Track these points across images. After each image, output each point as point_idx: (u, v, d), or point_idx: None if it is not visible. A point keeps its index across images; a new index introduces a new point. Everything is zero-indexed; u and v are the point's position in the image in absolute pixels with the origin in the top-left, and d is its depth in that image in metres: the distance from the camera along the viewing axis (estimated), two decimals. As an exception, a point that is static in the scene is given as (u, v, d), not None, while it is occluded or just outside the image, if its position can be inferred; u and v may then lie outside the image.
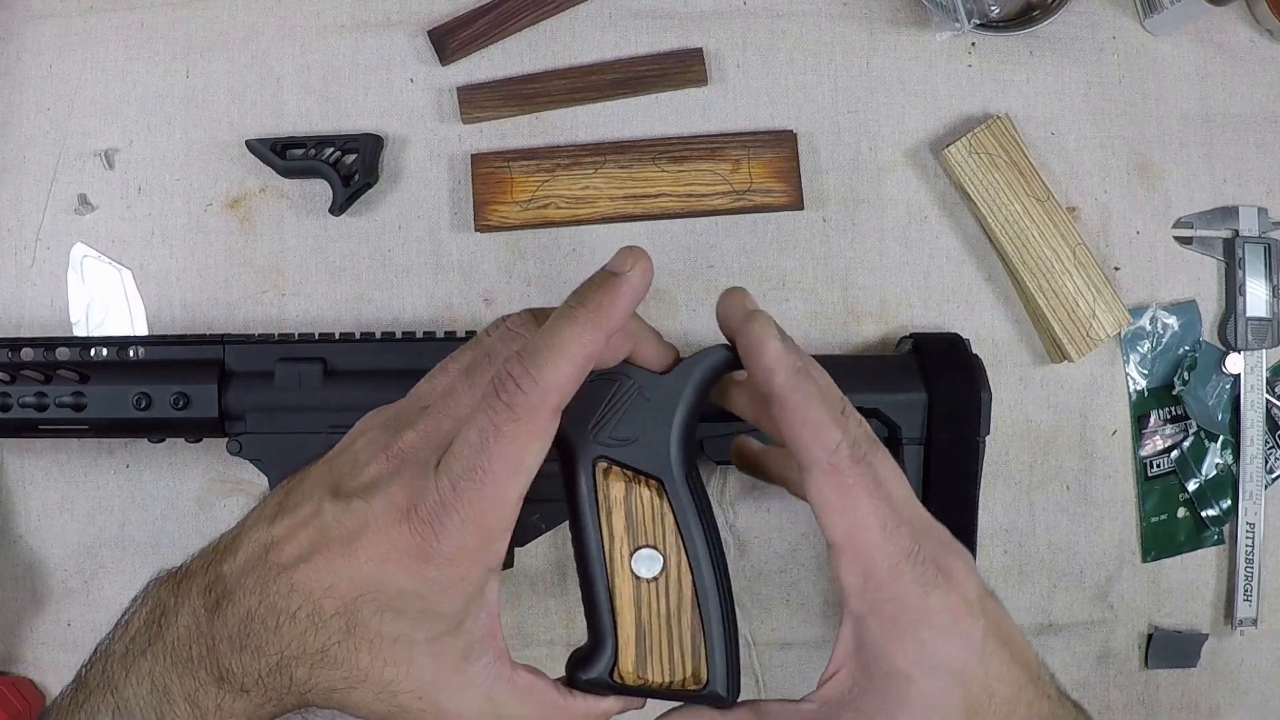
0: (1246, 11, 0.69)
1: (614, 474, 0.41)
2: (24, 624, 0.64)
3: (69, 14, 0.66)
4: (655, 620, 0.41)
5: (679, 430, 0.41)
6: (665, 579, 0.41)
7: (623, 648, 0.41)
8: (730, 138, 0.66)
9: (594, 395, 0.40)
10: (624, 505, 0.41)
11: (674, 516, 0.41)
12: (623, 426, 0.41)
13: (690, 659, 0.41)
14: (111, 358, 0.58)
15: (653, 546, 0.41)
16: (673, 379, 0.41)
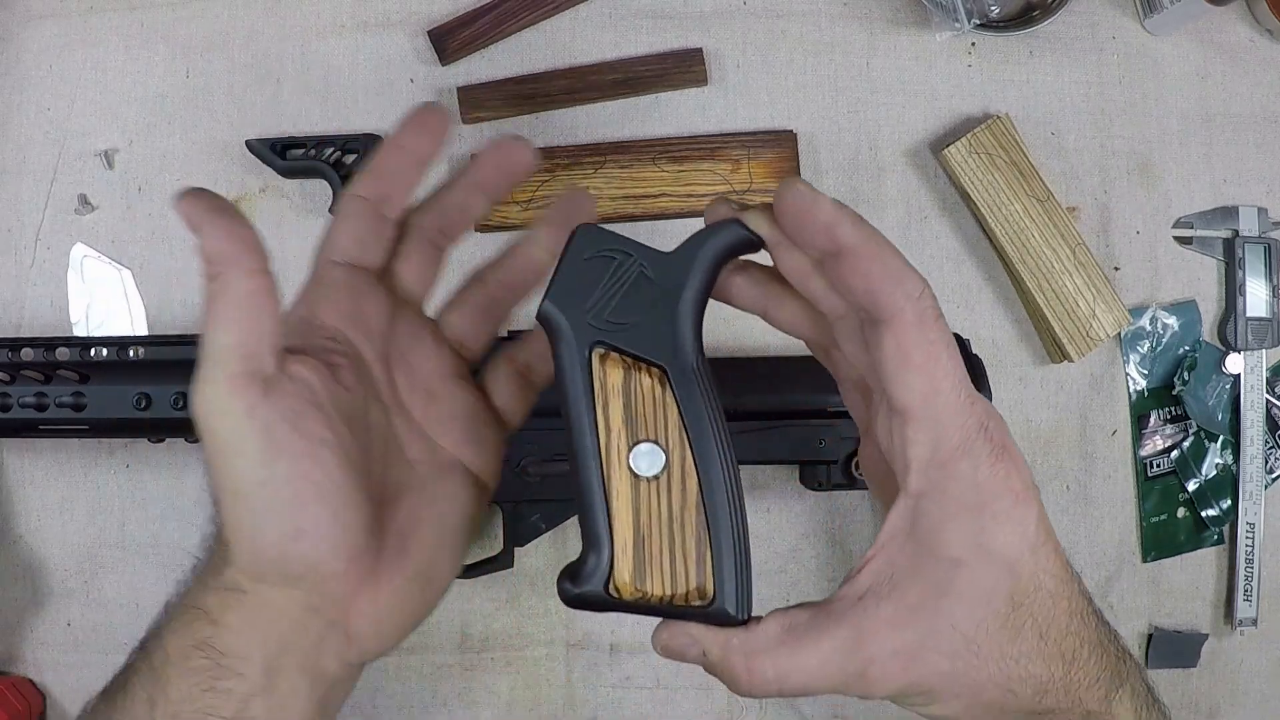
0: (1246, 11, 0.69)
1: (611, 360, 0.37)
2: (24, 624, 0.64)
3: (69, 14, 0.66)
4: (656, 524, 0.37)
5: (686, 313, 0.37)
6: (667, 477, 0.37)
7: (619, 554, 0.37)
8: (730, 138, 0.66)
9: (591, 274, 0.37)
10: (622, 394, 0.37)
11: (678, 408, 0.37)
12: (623, 309, 0.37)
13: (695, 570, 0.37)
14: (111, 358, 0.58)
15: (654, 441, 0.37)
16: (679, 256, 0.38)
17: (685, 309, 0.37)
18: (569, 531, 0.64)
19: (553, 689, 0.64)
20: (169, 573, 0.64)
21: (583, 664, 0.64)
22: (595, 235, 0.37)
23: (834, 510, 0.65)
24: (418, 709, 0.64)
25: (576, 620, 0.64)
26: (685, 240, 0.38)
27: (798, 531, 0.65)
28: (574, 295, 0.37)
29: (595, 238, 0.37)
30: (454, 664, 0.64)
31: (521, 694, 0.64)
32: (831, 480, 0.61)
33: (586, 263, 0.37)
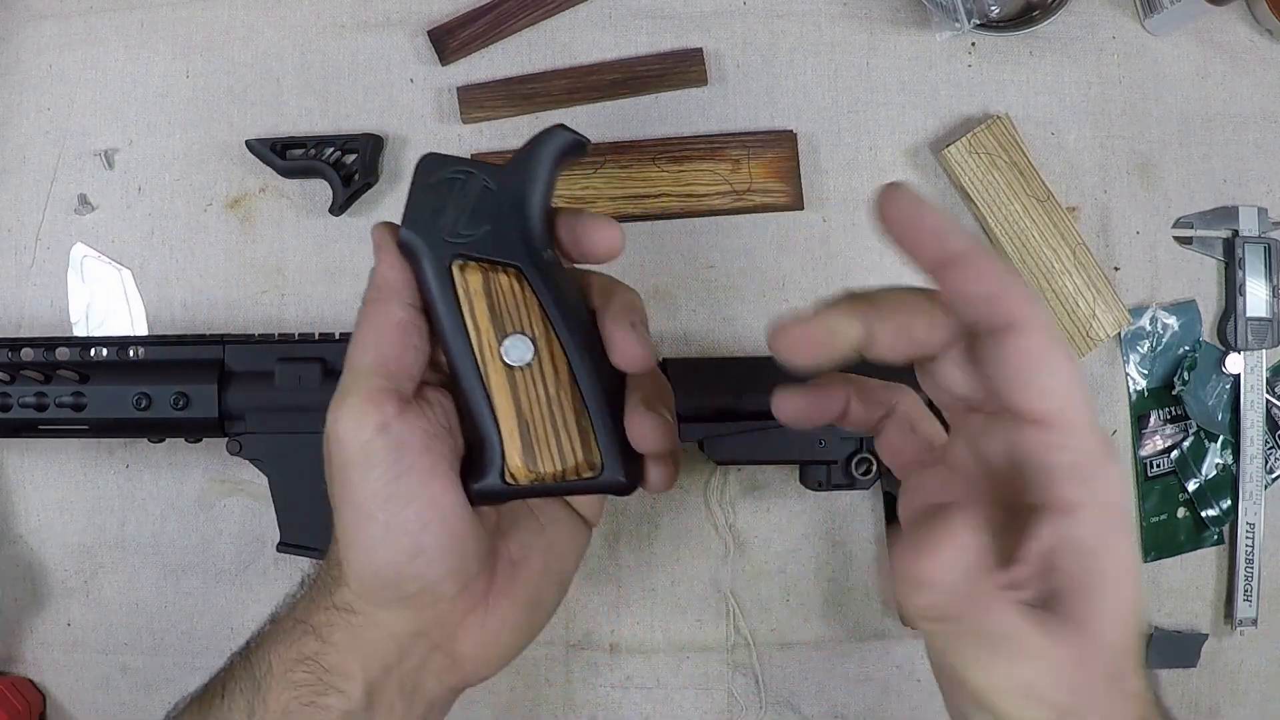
0: (1246, 11, 0.69)
1: (470, 267, 0.40)
2: (24, 624, 0.64)
3: (69, 14, 0.66)
4: (536, 408, 0.40)
5: (531, 214, 0.40)
6: (539, 363, 0.40)
7: (508, 442, 0.40)
8: (730, 138, 0.66)
9: (439, 197, 0.40)
10: (485, 295, 0.40)
11: (538, 299, 0.40)
12: (473, 221, 0.40)
13: (579, 444, 0.40)
14: (111, 358, 0.58)
15: (520, 332, 0.40)
16: (516, 165, 0.41)
17: (530, 211, 0.40)
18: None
19: (552, 689, 0.64)
20: (169, 573, 0.64)
21: (583, 664, 0.64)
22: (436, 161, 0.41)
23: (834, 510, 0.65)
24: (418, 709, 0.64)
25: (576, 620, 0.64)
26: (518, 150, 0.41)
27: (798, 531, 0.65)
28: (426, 218, 0.40)
29: (437, 163, 0.41)
30: (454, 664, 0.64)
31: (521, 694, 0.64)
32: (831, 480, 0.61)
33: (432, 187, 0.40)
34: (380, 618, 0.40)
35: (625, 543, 0.65)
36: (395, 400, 0.38)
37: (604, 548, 0.65)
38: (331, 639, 0.40)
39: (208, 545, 0.64)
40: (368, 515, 0.38)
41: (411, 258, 0.41)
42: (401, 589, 0.39)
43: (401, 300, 0.40)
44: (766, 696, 0.64)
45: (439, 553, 0.39)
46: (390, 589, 0.39)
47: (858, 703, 0.64)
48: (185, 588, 0.64)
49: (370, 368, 0.39)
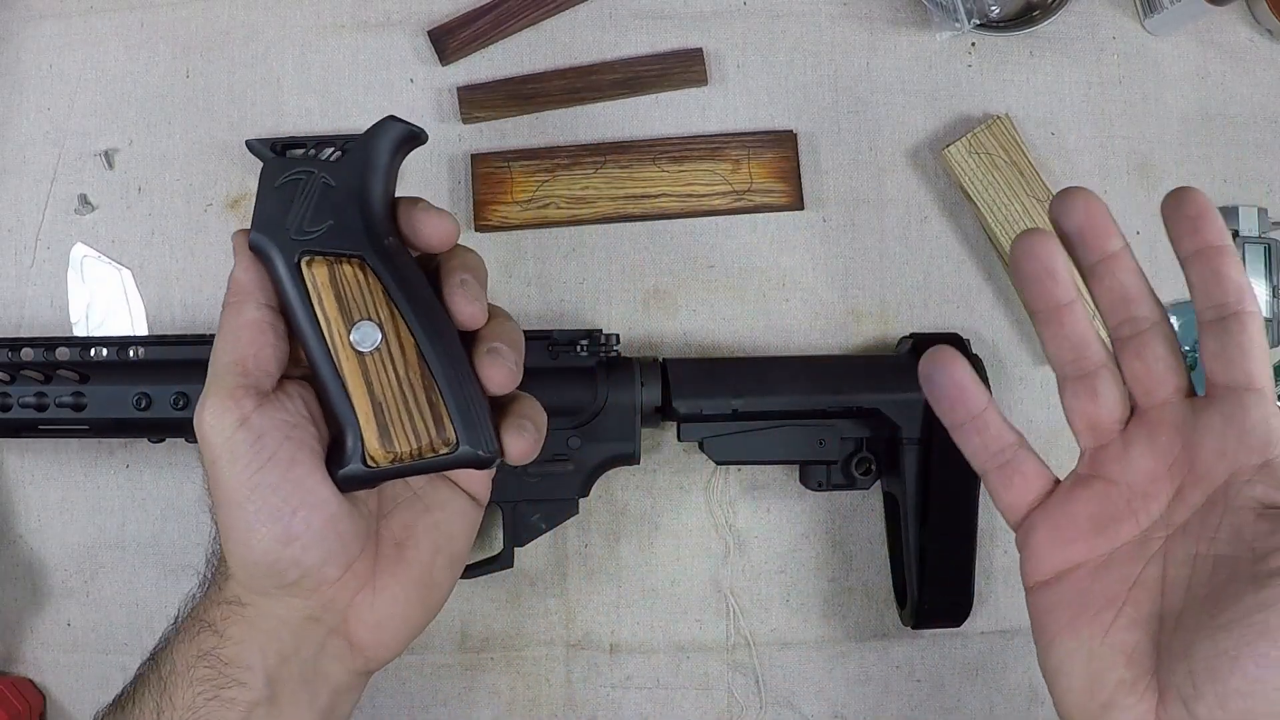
0: (1246, 11, 0.69)
1: (316, 262, 0.42)
2: (24, 624, 0.64)
3: (69, 14, 0.66)
4: (388, 390, 0.41)
5: (371, 205, 0.43)
6: (386, 347, 0.41)
7: (364, 426, 0.41)
8: (730, 138, 0.66)
9: (283, 198, 0.43)
10: (332, 287, 0.42)
11: (382, 285, 0.42)
12: (315, 217, 0.42)
13: (432, 422, 0.41)
14: (111, 358, 0.58)
15: (366, 318, 0.42)
16: (351, 158, 0.43)
17: (369, 202, 0.43)
18: (569, 531, 0.64)
19: (553, 689, 0.64)
20: (169, 573, 0.64)
21: (583, 664, 0.64)
22: (279, 164, 0.44)
23: (834, 510, 0.65)
24: (418, 709, 0.64)
25: (576, 620, 0.65)
26: (355, 141, 0.44)
27: (798, 531, 0.65)
28: (273, 220, 0.43)
29: (279, 166, 0.44)
30: (454, 664, 0.64)
31: (521, 694, 0.64)
32: (831, 480, 0.61)
33: (278, 190, 0.43)
34: (269, 607, 0.42)
35: (625, 543, 0.65)
36: (253, 395, 0.41)
37: (604, 548, 0.65)
38: (227, 632, 0.42)
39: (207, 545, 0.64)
40: (238, 506, 0.40)
41: (264, 259, 0.43)
42: (281, 576, 0.41)
43: (255, 300, 0.42)
44: (766, 696, 0.64)
45: (312, 537, 0.40)
46: (270, 577, 0.41)
47: (858, 703, 0.64)
48: (185, 588, 0.64)
49: (228, 367, 0.41)
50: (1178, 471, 0.39)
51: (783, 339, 0.66)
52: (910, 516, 0.60)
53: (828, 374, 0.61)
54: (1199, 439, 0.39)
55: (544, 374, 0.56)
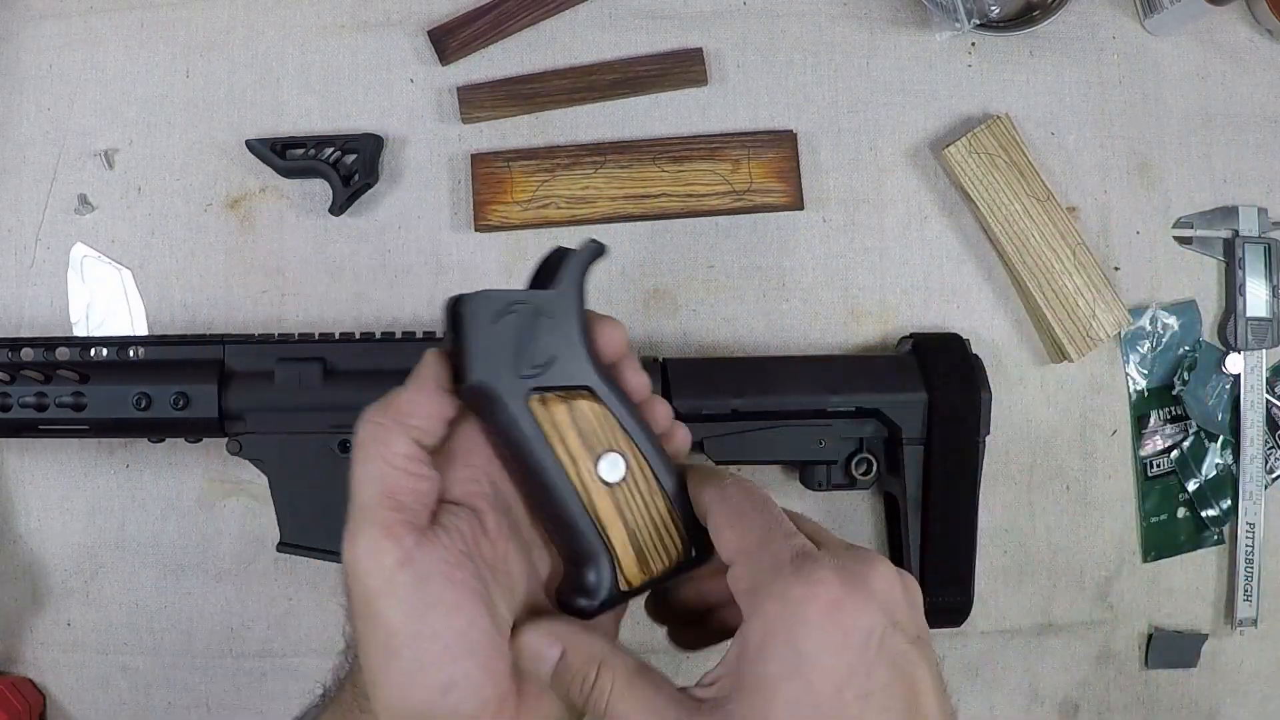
0: (1246, 11, 0.69)
1: (551, 400, 0.40)
2: (24, 624, 0.64)
3: (69, 14, 0.66)
4: (639, 518, 0.41)
5: (583, 333, 0.41)
6: (630, 475, 0.41)
7: (622, 557, 0.41)
8: (730, 138, 0.66)
9: (500, 335, 0.40)
10: (573, 424, 0.40)
11: (613, 415, 0.41)
12: (539, 352, 0.40)
13: (678, 536, 0.42)
14: (111, 358, 0.58)
15: (610, 450, 0.41)
16: (561, 288, 0.41)
17: (583, 331, 0.41)
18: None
19: (553, 689, 0.64)
20: (169, 573, 0.64)
21: (583, 664, 0.64)
22: (487, 299, 0.40)
23: (834, 510, 0.65)
24: (418, 709, 0.64)
25: (576, 620, 0.64)
26: (552, 267, 0.41)
27: (798, 531, 0.65)
28: (494, 360, 0.40)
29: (488, 300, 0.40)
30: (454, 664, 0.64)
31: (521, 694, 0.64)
32: (831, 480, 0.61)
33: (492, 326, 0.40)
34: None
35: (625, 543, 0.65)
36: (412, 531, 0.38)
37: (604, 548, 0.65)
38: None
39: (208, 545, 0.64)
40: (394, 652, 0.38)
41: (488, 404, 0.40)
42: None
43: (411, 432, 0.39)
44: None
45: (471, 686, 0.38)
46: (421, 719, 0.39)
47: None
48: (185, 588, 0.64)
49: (379, 499, 0.38)
50: None
51: (783, 339, 0.66)
52: (910, 516, 0.60)
53: (828, 374, 0.61)
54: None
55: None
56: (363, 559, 0.38)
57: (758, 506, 0.39)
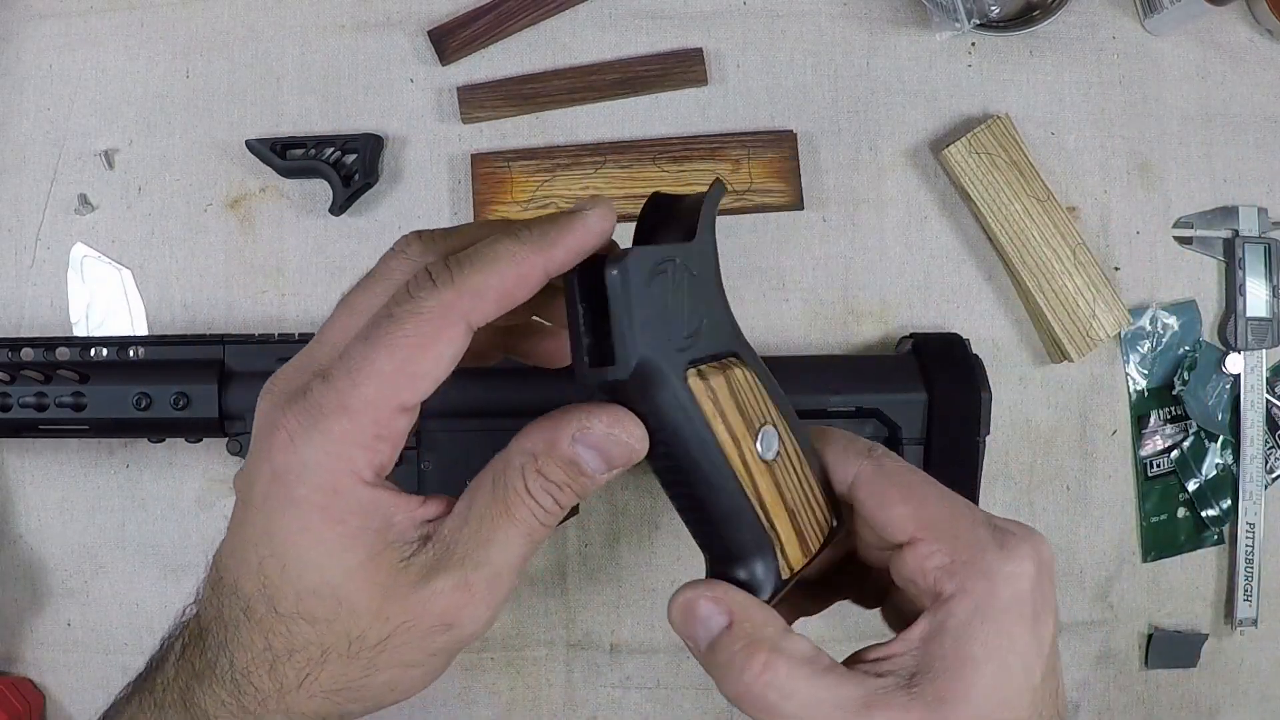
0: (1246, 11, 0.69)
1: (709, 372, 0.34)
2: (24, 624, 0.64)
3: (69, 14, 0.66)
4: (796, 494, 0.37)
5: (722, 289, 0.36)
6: (783, 448, 0.36)
7: (785, 541, 0.36)
8: (730, 138, 0.66)
9: (655, 298, 0.33)
10: (732, 397, 0.34)
11: (761, 382, 0.36)
12: (690, 319, 0.34)
13: (824, 510, 0.38)
14: (111, 358, 0.58)
15: (765, 423, 0.36)
16: (702, 237, 0.34)
17: (720, 288, 0.35)
18: (569, 531, 0.64)
19: (553, 689, 0.64)
20: (169, 573, 0.64)
21: (583, 664, 0.64)
22: (643, 256, 0.32)
23: (834, 510, 0.65)
24: (418, 709, 0.64)
25: (576, 620, 0.64)
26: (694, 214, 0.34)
27: (798, 531, 0.65)
28: (654, 331, 0.33)
29: (644, 258, 0.32)
30: (454, 664, 0.64)
31: (521, 694, 0.64)
32: (831, 480, 0.61)
33: (648, 289, 0.32)
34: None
35: (625, 543, 0.65)
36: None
37: (604, 548, 0.65)
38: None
39: (208, 545, 0.64)
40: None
41: (645, 386, 0.33)
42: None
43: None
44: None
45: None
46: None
47: None
48: (185, 588, 0.64)
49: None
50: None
51: (783, 339, 0.66)
52: (910, 516, 0.60)
53: (828, 374, 0.61)
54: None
55: (542, 372, 0.56)
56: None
57: (926, 479, 0.38)
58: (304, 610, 0.35)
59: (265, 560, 0.35)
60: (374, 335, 0.33)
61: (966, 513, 0.36)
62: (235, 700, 0.36)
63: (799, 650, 0.35)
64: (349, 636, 0.35)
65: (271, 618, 0.35)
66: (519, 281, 0.33)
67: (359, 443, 0.33)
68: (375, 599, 0.34)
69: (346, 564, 0.34)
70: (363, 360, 0.33)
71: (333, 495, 0.34)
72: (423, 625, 0.35)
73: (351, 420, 0.33)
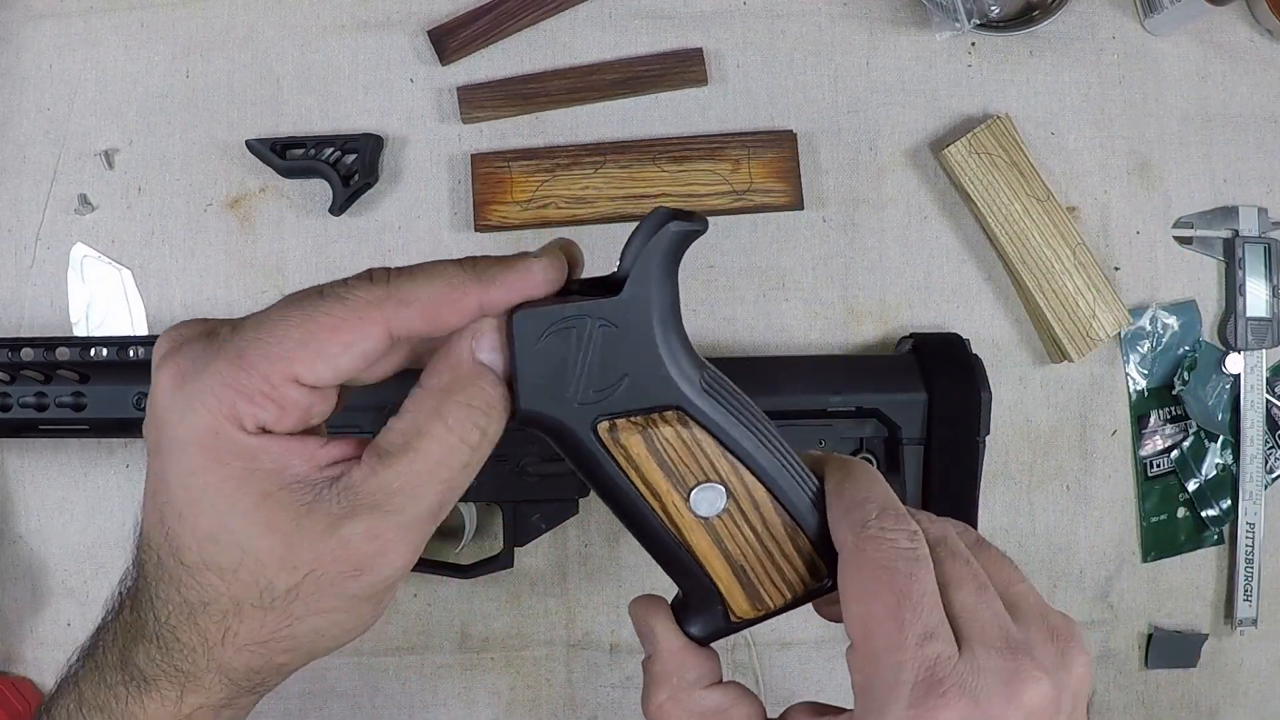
0: (1246, 11, 0.69)
1: (622, 428, 0.34)
2: (24, 624, 0.64)
3: (69, 14, 0.66)
4: (748, 550, 0.35)
5: (667, 341, 0.34)
6: (736, 504, 0.35)
7: (728, 594, 0.35)
8: (730, 138, 0.66)
9: (553, 355, 0.33)
10: (652, 456, 0.34)
11: (712, 436, 0.34)
12: (604, 373, 0.34)
13: (802, 565, 0.36)
14: (111, 358, 0.58)
15: (705, 481, 0.34)
16: (632, 289, 0.33)
17: (665, 340, 0.34)
18: (569, 531, 0.64)
19: (553, 689, 0.64)
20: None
21: (583, 664, 0.64)
22: (535, 316, 0.34)
23: (834, 510, 0.65)
24: (418, 709, 0.64)
25: (576, 620, 0.65)
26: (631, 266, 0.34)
27: (798, 531, 0.65)
28: (546, 385, 0.34)
29: (537, 318, 0.34)
30: (454, 664, 0.64)
31: (521, 694, 0.64)
32: (831, 480, 0.61)
33: (540, 348, 0.33)
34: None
35: (625, 542, 0.65)
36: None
37: (604, 547, 0.65)
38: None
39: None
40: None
41: (548, 434, 0.35)
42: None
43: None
44: (766, 696, 0.64)
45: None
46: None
47: None
48: (185, 588, 0.64)
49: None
50: None
51: (783, 339, 0.66)
52: (910, 516, 0.60)
53: (828, 374, 0.61)
54: None
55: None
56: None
57: (898, 576, 0.32)
58: (207, 559, 0.34)
59: (164, 508, 0.34)
60: (295, 303, 0.33)
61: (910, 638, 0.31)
62: (165, 658, 0.35)
63: (703, 704, 0.36)
64: (258, 586, 0.34)
65: (179, 569, 0.34)
66: (449, 304, 0.33)
67: (242, 392, 0.33)
68: (279, 545, 0.33)
69: (240, 506, 0.33)
70: (275, 320, 0.33)
71: (213, 437, 0.33)
72: (332, 572, 0.34)
73: (240, 368, 0.33)
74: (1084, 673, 0.33)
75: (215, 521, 0.34)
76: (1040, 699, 0.31)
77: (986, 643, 0.32)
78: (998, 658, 0.32)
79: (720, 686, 0.37)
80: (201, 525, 0.34)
